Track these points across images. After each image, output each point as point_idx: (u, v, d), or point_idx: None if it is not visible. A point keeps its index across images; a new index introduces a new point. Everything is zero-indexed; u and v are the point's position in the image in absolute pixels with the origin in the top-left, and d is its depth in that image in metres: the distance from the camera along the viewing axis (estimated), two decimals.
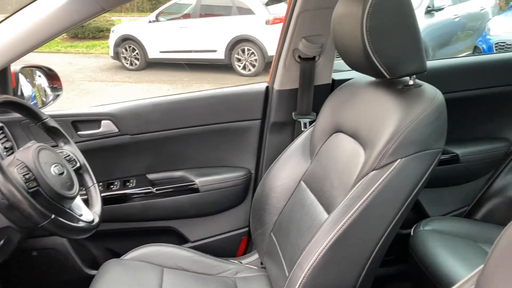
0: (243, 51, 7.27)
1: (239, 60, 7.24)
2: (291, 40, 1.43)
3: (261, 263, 1.46)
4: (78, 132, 1.47)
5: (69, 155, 1.20)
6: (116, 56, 8.04)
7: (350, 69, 1.20)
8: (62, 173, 1.08)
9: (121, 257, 1.38)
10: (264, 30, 7.10)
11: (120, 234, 1.60)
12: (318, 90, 1.50)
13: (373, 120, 1.06)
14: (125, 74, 7.76)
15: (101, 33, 10.58)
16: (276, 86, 1.52)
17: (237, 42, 7.27)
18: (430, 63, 1.67)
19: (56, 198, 1.02)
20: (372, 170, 0.99)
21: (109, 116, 1.48)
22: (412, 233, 1.51)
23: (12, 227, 1.02)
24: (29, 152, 1.04)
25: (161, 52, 7.81)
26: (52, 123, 1.21)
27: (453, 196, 1.75)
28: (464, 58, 1.84)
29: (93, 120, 1.48)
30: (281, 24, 1.48)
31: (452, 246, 1.40)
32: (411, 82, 1.08)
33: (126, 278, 1.27)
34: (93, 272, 1.51)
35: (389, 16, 1.00)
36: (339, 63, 1.52)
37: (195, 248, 1.51)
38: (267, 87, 1.56)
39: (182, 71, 7.41)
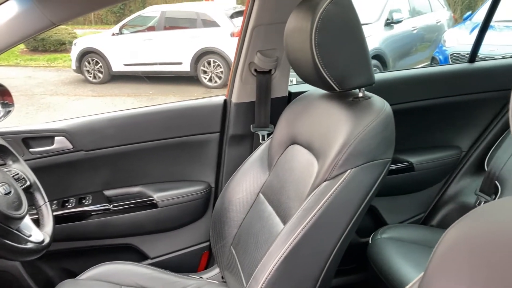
0: (209, 63, 7.28)
1: (205, 72, 7.25)
2: (246, 53, 1.45)
3: (222, 278, 1.45)
4: (30, 149, 1.43)
5: (18, 174, 1.16)
6: (79, 69, 7.89)
7: None
8: (9, 193, 1.04)
9: (77, 277, 1.34)
10: (229, 42, 7.14)
11: (76, 253, 1.55)
12: (275, 102, 1.52)
13: (325, 132, 1.08)
14: (88, 87, 7.61)
15: (62, 46, 10.34)
16: (234, 99, 1.53)
17: (203, 54, 7.28)
18: (384, 75, 1.73)
19: (1, 219, 0.98)
20: (324, 181, 1.01)
21: (63, 132, 1.44)
22: (370, 241, 1.54)
23: None
24: None
25: (125, 65, 7.71)
26: (1, 140, 1.17)
27: (410, 203, 1.79)
28: (416, 69, 1.91)
29: (46, 137, 1.44)
30: None
31: (408, 253, 1.43)
32: (360, 94, 1.11)
33: None
34: None
35: (337, 31, 1.03)
36: None
37: (155, 264, 1.49)
38: (225, 100, 1.56)
39: (147, 84, 7.34)
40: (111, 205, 1.50)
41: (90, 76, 7.84)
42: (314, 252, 0.99)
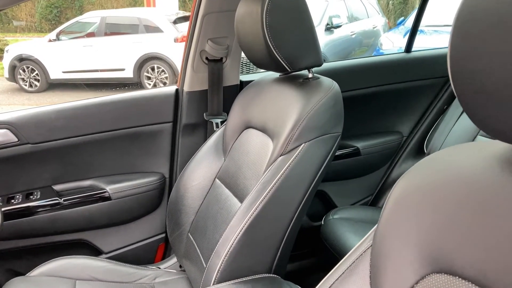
0: (152, 69, 7.19)
1: (149, 78, 7.15)
2: (197, 41, 1.47)
3: (180, 266, 1.45)
4: None
5: None
6: (12, 77, 7.49)
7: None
8: None
9: (27, 274, 1.28)
10: (173, 48, 7.10)
11: (24, 252, 1.48)
12: (227, 91, 1.55)
13: (278, 112, 1.13)
14: (24, 96, 7.24)
15: None
16: (186, 88, 1.54)
17: (146, 60, 7.17)
18: (329, 64, 1.81)
19: None
20: (280, 156, 1.05)
21: (6, 125, 1.38)
22: (322, 223, 1.60)
23: None
24: None
25: (64, 72, 7.43)
26: None
27: (358, 187, 1.88)
28: (360, 59, 2.01)
29: None
30: None
31: (359, 230, 1.50)
32: (310, 76, 1.17)
33: None
34: None
35: (286, 13, 1.08)
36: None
37: (110, 259, 1.45)
38: (176, 90, 1.57)
39: (88, 91, 7.10)
40: (62, 199, 1.45)
41: (26, 85, 7.47)
42: (274, 222, 1.02)
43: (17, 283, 1.22)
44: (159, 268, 1.46)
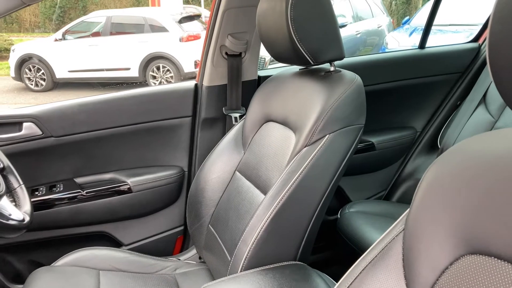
0: (158, 68, 7.21)
1: (154, 77, 7.18)
2: (217, 37, 1.49)
3: (200, 258, 1.47)
4: None
5: None
6: (19, 76, 7.52)
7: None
8: None
9: (52, 264, 1.30)
10: (178, 47, 7.13)
11: (47, 243, 1.50)
12: (245, 85, 1.57)
13: (301, 105, 1.15)
14: (30, 95, 7.27)
15: None
16: (205, 83, 1.56)
17: (152, 60, 7.20)
18: (343, 61, 1.83)
19: None
20: (305, 147, 1.07)
21: (32, 118, 1.40)
22: (339, 216, 1.62)
23: None
24: None
25: (70, 71, 7.47)
26: None
27: (372, 182, 1.90)
28: (374, 55, 2.03)
29: (13, 123, 1.40)
30: (195, 41, 1.54)
31: (376, 223, 1.52)
32: (332, 69, 1.19)
33: (58, 284, 1.20)
34: (18, 286, 1.41)
35: (310, 8, 1.10)
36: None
37: (130, 251, 1.47)
38: (195, 85, 1.59)
39: (94, 91, 7.13)
40: (84, 191, 1.47)
41: (32, 84, 7.51)
42: (299, 211, 1.05)
43: (42, 272, 1.25)
44: (179, 259, 1.48)
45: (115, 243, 1.57)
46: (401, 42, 5.94)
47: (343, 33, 6.91)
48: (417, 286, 0.57)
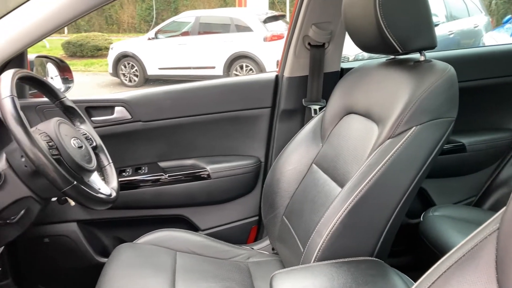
0: (241, 67, 7.38)
1: (237, 76, 7.33)
2: (301, 27, 1.47)
3: (273, 249, 1.46)
4: (92, 118, 1.49)
5: (85, 134, 1.22)
6: (115, 72, 8.13)
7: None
8: (81, 147, 1.09)
9: (134, 241, 1.38)
10: (262, 47, 7.23)
11: (130, 222, 1.60)
12: (327, 77, 1.54)
13: (386, 95, 1.09)
14: (124, 90, 7.79)
15: (99, 52, 10.71)
16: (286, 74, 1.55)
17: (236, 59, 7.39)
18: (434, 55, 1.72)
19: (76, 168, 1.03)
20: (388, 139, 1.02)
21: (123, 103, 1.50)
22: (422, 219, 1.52)
23: (33, 197, 1.03)
24: (50, 124, 1.05)
25: (160, 68, 7.91)
26: (69, 102, 1.23)
27: (460, 186, 1.76)
28: (467, 49, 1.88)
29: (107, 106, 1.50)
30: (278, 41, 1.54)
31: (463, 229, 1.40)
32: (422, 58, 1.11)
33: (139, 260, 1.27)
34: (103, 259, 1.51)
35: None
36: None
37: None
38: (276, 76, 1.59)
39: None
40: (166, 175, 1.54)
41: (126, 79, 8.07)
42: (378, 207, 0.99)
43: (125, 248, 1.32)
44: (253, 248, 1.49)
45: (192, 227, 1.62)
46: (501, 42, 5.48)
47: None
48: None
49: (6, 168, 1.01)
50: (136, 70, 7.99)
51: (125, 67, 8.05)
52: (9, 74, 1.00)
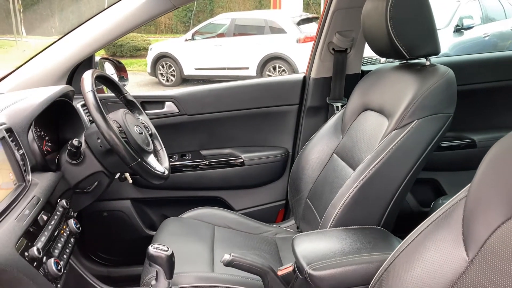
0: (274, 68, 7.51)
1: (270, 77, 7.45)
2: (326, 34, 1.69)
3: (297, 228, 1.68)
4: (146, 111, 1.75)
5: (143, 123, 1.47)
6: (153, 72, 8.37)
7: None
8: (141, 133, 1.34)
9: (179, 216, 1.62)
10: (295, 49, 7.32)
11: (174, 201, 1.85)
12: (349, 78, 1.74)
13: (396, 94, 1.29)
14: (162, 89, 8.03)
15: (138, 52, 11.09)
16: (313, 75, 1.77)
17: (269, 60, 7.51)
18: (454, 58, 1.88)
19: (139, 149, 1.29)
20: (394, 130, 1.22)
21: (172, 98, 1.76)
22: (432, 206, 1.69)
23: (104, 172, 1.29)
24: (118, 113, 1.31)
25: (196, 69, 8.09)
26: (130, 97, 1.49)
27: (470, 178, 1.89)
28: (485, 54, 2.03)
29: (158, 102, 1.77)
30: (311, 43, 1.74)
31: None
32: (427, 63, 1.31)
33: (183, 231, 1.51)
34: (152, 232, 1.77)
35: (408, 7, 1.24)
36: None
37: None
38: (304, 77, 1.81)
39: None
40: (207, 161, 1.79)
41: (163, 79, 8.30)
42: (383, 185, 1.20)
43: (171, 221, 1.56)
44: (279, 226, 1.71)
45: (228, 208, 1.86)
46: None
47: (468, 35, 6.52)
48: (472, 241, 0.68)
49: (85, 148, 1.27)
50: (173, 70, 8.19)
51: (163, 67, 8.26)
52: (89, 73, 1.26)
